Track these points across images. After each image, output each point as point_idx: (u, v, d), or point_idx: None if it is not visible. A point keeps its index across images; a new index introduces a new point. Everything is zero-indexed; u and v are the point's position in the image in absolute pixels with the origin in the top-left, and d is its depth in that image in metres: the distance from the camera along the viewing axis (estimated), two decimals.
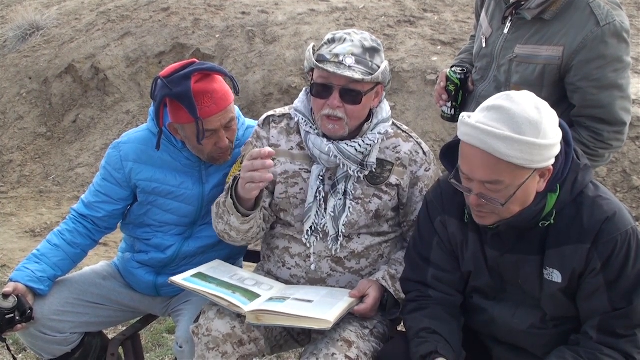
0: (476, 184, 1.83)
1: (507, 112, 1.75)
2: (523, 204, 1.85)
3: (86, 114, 7.16)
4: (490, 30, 2.54)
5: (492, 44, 2.53)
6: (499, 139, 1.72)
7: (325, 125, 2.23)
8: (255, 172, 2.06)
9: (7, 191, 6.62)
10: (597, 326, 1.87)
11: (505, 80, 2.49)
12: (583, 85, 2.34)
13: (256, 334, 2.15)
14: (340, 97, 2.18)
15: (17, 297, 2.36)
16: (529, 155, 1.74)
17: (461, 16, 6.76)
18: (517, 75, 2.44)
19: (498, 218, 1.88)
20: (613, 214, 1.85)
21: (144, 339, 3.63)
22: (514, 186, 1.79)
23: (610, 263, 1.84)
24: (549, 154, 1.78)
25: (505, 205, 1.82)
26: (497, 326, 2.07)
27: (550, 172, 1.83)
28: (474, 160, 1.79)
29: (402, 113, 5.88)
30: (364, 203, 2.30)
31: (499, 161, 1.75)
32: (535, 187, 1.83)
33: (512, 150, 1.73)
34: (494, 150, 1.73)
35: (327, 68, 2.12)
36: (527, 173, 1.78)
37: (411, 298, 2.16)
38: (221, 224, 2.29)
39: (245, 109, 6.29)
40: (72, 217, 2.58)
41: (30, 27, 8.16)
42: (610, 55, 2.31)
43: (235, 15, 7.27)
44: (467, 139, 1.78)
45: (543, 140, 1.74)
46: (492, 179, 1.78)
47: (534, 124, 1.74)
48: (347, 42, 2.18)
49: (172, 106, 2.34)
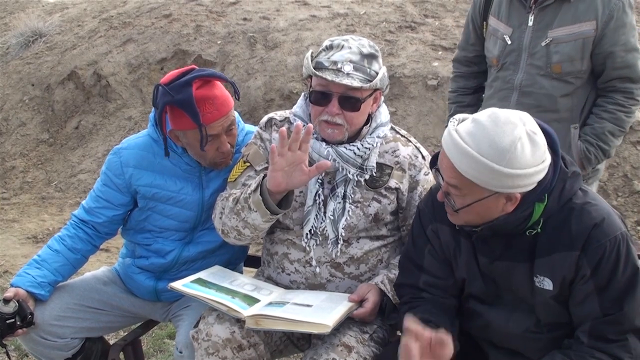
0: (444, 182, 1.89)
1: (482, 130, 1.77)
2: (483, 217, 1.88)
3: (88, 121, 7.18)
4: (511, 29, 2.81)
5: (517, 38, 2.80)
6: (460, 152, 1.77)
7: (324, 130, 2.24)
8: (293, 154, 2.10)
9: (10, 197, 6.64)
10: (589, 331, 1.87)
11: (546, 63, 2.76)
12: (614, 50, 2.72)
13: (255, 339, 2.16)
14: (339, 104, 2.19)
15: (18, 302, 2.37)
16: (485, 177, 1.76)
17: (462, 21, 6.73)
18: (557, 56, 2.73)
19: (461, 221, 1.93)
20: (601, 220, 1.84)
21: (145, 344, 3.64)
22: (471, 198, 1.83)
23: (600, 269, 1.83)
24: (513, 183, 1.77)
25: (459, 212, 1.87)
26: (492, 330, 2.07)
27: (517, 199, 1.83)
28: (443, 160, 1.87)
29: (403, 118, 5.89)
30: (363, 206, 2.31)
31: (458, 171, 1.80)
32: (498, 207, 1.84)
33: (468, 167, 1.77)
34: (454, 160, 1.79)
35: (325, 76, 2.13)
36: (486, 192, 1.81)
37: (405, 301, 2.16)
38: (234, 220, 2.26)
39: (246, 115, 6.31)
40: (73, 222, 2.59)
41: (33, 34, 8.20)
42: (629, 23, 2.74)
43: (236, 22, 7.29)
44: (443, 141, 1.86)
45: (504, 168, 1.74)
46: (452, 182, 1.84)
47: (500, 150, 1.73)
48: (345, 49, 2.19)
49: (174, 113, 2.35)
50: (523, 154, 1.75)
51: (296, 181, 2.14)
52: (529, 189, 1.81)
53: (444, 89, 5.95)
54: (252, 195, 2.18)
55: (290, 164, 2.11)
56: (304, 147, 2.12)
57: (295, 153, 2.11)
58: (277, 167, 2.11)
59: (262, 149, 2.39)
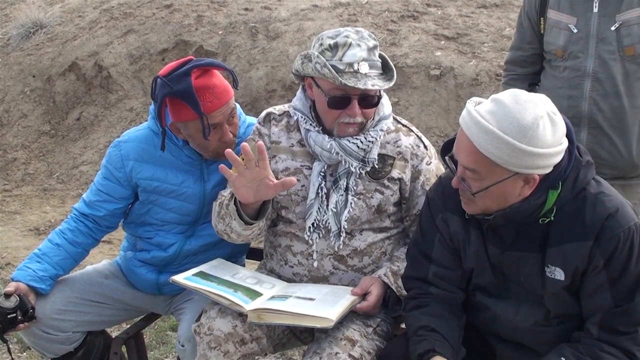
0: (460, 167, 1.87)
1: (503, 108, 1.76)
2: (499, 202, 1.85)
3: (90, 112, 7.16)
4: (575, 18, 2.78)
5: (583, 27, 2.76)
6: (482, 130, 1.76)
7: (345, 130, 2.22)
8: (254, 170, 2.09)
9: (11, 189, 6.63)
10: (599, 323, 1.85)
11: (618, 46, 2.72)
12: None
13: (258, 333, 2.14)
14: (358, 104, 2.18)
15: (19, 296, 2.35)
16: (506, 156, 1.75)
17: (465, 10, 6.72)
18: (628, 38, 2.70)
19: (478, 209, 1.90)
20: (615, 210, 1.83)
21: (147, 336, 3.63)
22: (490, 181, 1.81)
23: (613, 260, 1.82)
24: (533, 162, 1.76)
25: (477, 196, 1.85)
26: (500, 324, 2.05)
27: (535, 182, 1.81)
28: (460, 144, 1.84)
29: (406, 108, 5.85)
30: (365, 198, 2.29)
31: (478, 152, 1.78)
32: (515, 190, 1.83)
33: (490, 146, 1.75)
34: (475, 139, 1.77)
35: (349, 83, 2.09)
36: (506, 173, 1.79)
37: (412, 295, 2.14)
38: (221, 225, 2.29)
39: (248, 106, 6.28)
40: (74, 215, 2.57)
41: (34, 25, 8.15)
42: None
43: (238, 12, 7.25)
44: (461, 121, 1.83)
45: (525, 146, 1.73)
46: (470, 166, 1.82)
47: (522, 128, 1.73)
48: (354, 47, 2.14)
49: (174, 105, 2.32)
50: (544, 132, 1.74)
51: (263, 194, 2.14)
52: (546, 172, 1.80)
53: (447, 78, 5.92)
54: (229, 204, 2.20)
55: (251, 181, 2.11)
56: (262, 164, 2.11)
57: (253, 170, 2.10)
58: (237, 184, 2.11)
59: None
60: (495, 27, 6.34)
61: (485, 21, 6.49)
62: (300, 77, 2.29)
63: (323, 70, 2.12)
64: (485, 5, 6.75)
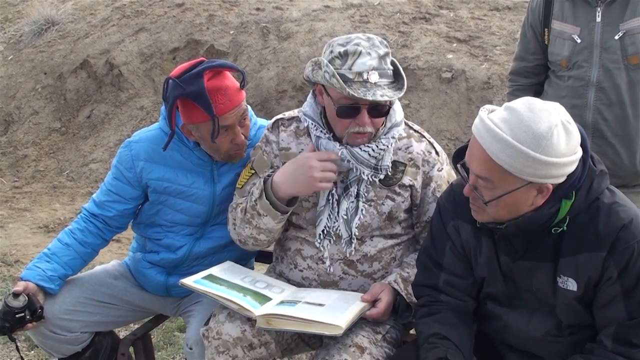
0: (472, 175, 1.84)
1: (517, 116, 1.74)
2: (511, 212, 1.83)
3: (100, 110, 7.17)
4: (578, 28, 2.78)
5: (586, 37, 2.76)
6: (495, 138, 1.73)
7: (355, 140, 2.20)
8: (330, 174, 2.17)
9: (22, 186, 6.65)
10: (613, 335, 1.83)
11: (622, 55, 2.72)
12: None
13: (267, 338, 2.13)
14: (368, 114, 2.16)
15: (28, 296, 2.35)
16: (519, 165, 1.72)
17: (477, 13, 6.69)
18: (632, 47, 2.69)
19: (489, 217, 1.88)
20: (630, 220, 1.80)
21: (155, 337, 3.62)
22: (502, 190, 1.78)
23: (628, 271, 1.79)
24: (547, 172, 1.73)
25: (489, 205, 1.82)
26: (511, 333, 2.03)
27: (549, 191, 1.79)
28: (473, 151, 1.82)
29: (417, 111, 5.83)
30: (376, 205, 2.27)
31: (491, 160, 1.75)
32: (528, 199, 1.80)
33: (503, 154, 1.73)
34: (488, 147, 1.75)
35: (359, 94, 2.07)
36: (519, 182, 1.76)
37: (422, 303, 2.13)
38: (247, 229, 2.29)
39: (258, 106, 6.27)
40: (84, 216, 2.57)
41: (46, 22, 8.18)
42: None
43: (249, 12, 7.25)
44: (474, 129, 1.81)
45: (540, 155, 1.70)
46: (483, 174, 1.80)
47: (537, 136, 1.70)
48: (364, 55, 2.11)
49: (186, 106, 2.31)
50: (559, 141, 1.72)
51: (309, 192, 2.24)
52: (560, 181, 1.78)
53: (458, 81, 5.89)
54: (259, 202, 2.20)
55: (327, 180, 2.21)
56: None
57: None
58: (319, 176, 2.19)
59: (265, 155, 2.36)
60: (507, 30, 6.30)
61: (498, 24, 6.45)
62: (311, 82, 2.28)
63: (331, 80, 2.09)
64: (498, 8, 6.72)
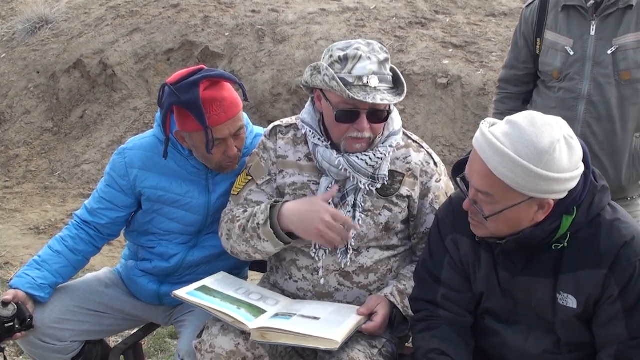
0: (472, 189, 1.82)
1: (519, 131, 1.72)
2: (511, 227, 1.81)
3: (93, 110, 7.12)
4: (572, 40, 2.78)
5: (580, 49, 2.76)
6: (496, 152, 1.71)
7: (352, 146, 2.18)
8: (335, 235, 2.11)
9: (12, 186, 6.59)
10: (615, 355, 1.80)
11: (614, 70, 2.72)
12: None
13: (260, 352, 2.10)
14: (367, 119, 2.14)
15: (17, 304, 2.31)
16: (521, 180, 1.70)
17: (473, 19, 6.68)
18: (624, 63, 2.70)
19: (488, 232, 1.85)
20: (632, 238, 1.78)
21: (146, 344, 3.58)
22: (503, 205, 1.76)
23: (629, 289, 1.77)
24: (548, 187, 1.71)
25: (489, 220, 1.80)
26: (509, 350, 2.00)
27: (550, 207, 1.77)
28: (473, 165, 1.80)
29: (412, 117, 5.81)
30: (373, 215, 2.24)
31: (492, 174, 1.73)
32: (529, 215, 1.78)
33: (505, 169, 1.70)
34: (489, 162, 1.73)
35: (359, 98, 2.05)
36: (520, 197, 1.74)
37: (421, 317, 2.10)
38: (244, 246, 2.27)
39: (253, 109, 6.24)
40: (75, 223, 2.53)
41: (40, 21, 8.13)
42: None
43: (245, 14, 7.21)
44: (475, 142, 1.78)
45: (542, 171, 1.68)
46: (483, 189, 1.78)
47: (539, 151, 1.68)
48: (364, 59, 2.10)
49: (180, 114, 2.28)
50: (561, 157, 1.69)
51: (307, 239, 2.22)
52: (561, 197, 1.75)
53: (454, 87, 5.88)
54: (262, 227, 2.17)
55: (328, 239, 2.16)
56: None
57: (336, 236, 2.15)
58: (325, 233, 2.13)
59: (263, 161, 2.33)
60: (503, 36, 6.29)
61: (494, 30, 6.45)
62: (309, 88, 2.25)
63: (331, 83, 2.08)
64: (494, 14, 6.71)
